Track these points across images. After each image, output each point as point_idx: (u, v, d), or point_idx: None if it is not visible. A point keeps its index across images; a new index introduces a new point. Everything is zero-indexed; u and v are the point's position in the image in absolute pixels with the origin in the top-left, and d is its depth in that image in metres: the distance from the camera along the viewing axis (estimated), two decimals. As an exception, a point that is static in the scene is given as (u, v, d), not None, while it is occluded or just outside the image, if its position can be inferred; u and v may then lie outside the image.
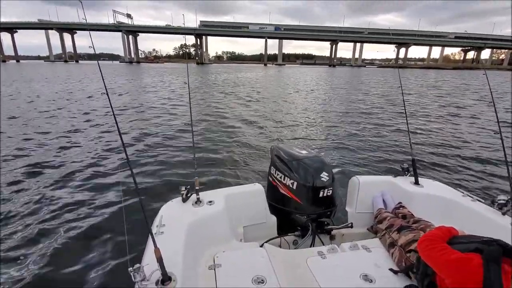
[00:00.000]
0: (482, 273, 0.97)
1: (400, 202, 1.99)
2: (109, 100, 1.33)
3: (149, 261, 1.18)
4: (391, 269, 1.45)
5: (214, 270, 1.38)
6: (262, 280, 1.30)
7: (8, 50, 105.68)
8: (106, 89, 1.33)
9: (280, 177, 2.04)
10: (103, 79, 1.30)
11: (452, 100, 15.10)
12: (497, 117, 1.94)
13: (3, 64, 75.67)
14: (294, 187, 1.96)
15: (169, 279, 1.13)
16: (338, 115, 10.17)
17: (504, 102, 14.33)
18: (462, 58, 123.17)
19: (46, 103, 11.63)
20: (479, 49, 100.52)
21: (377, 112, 10.84)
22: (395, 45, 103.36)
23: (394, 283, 1.36)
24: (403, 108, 2.61)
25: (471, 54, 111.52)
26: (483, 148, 6.22)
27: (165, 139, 6.54)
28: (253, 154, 5.59)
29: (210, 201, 1.80)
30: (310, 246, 1.85)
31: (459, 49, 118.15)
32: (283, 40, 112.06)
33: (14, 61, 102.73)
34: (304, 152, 2.12)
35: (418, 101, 14.16)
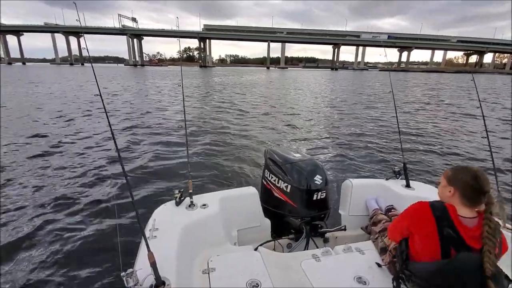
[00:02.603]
0: (431, 212, 1.15)
1: (391, 205, 1.99)
2: (103, 102, 1.35)
3: (142, 265, 1.17)
4: (376, 263, 1.48)
5: (208, 274, 1.39)
6: (256, 283, 1.31)
7: (13, 53, 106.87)
8: (99, 91, 1.34)
9: (274, 180, 2.05)
10: (96, 82, 1.32)
11: (446, 103, 15.13)
12: (484, 121, 1.95)
13: (9, 66, 76.44)
14: (288, 190, 1.98)
15: (163, 283, 1.12)
16: (332, 119, 10.20)
17: (499, 104, 14.33)
18: (464, 62, 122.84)
19: (42, 105, 11.72)
20: (481, 53, 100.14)
21: (370, 116, 10.86)
22: (397, 48, 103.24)
23: (387, 285, 1.36)
24: (395, 112, 2.64)
25: (474, 58, 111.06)
26: (473, 152, 6.29)
27: (159, 141, 6.55)
28: (247, 157, 5.57)
29: (204, 205, 1.80)
30: (304, 249, 1.86)
31: (462, 53, 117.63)
32: (286, 44, 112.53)
33: (20, 63, 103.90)
34: (298, 155, 2.13)
35: (412, 104, 14.21)
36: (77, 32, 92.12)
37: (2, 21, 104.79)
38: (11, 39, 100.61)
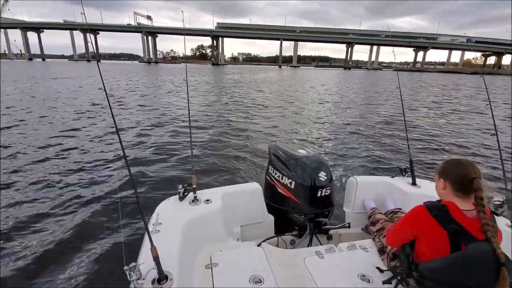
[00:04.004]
0: (429, 213, 1.14)
1: (400, 208, 1.95)
2: (107, 97, 1.35)
3: (145, 259, 1.18)
4: (377, 268, 1.44)
5: (211, 269, 1.39)
6: (259, 279, 1.30)
7: (33, 49, 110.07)
8: (104, 85, 1.36)
9: (278, 176, 2.04)
10: (101, 78, 1.34)
11: (455, 102, 14.80)
12: (493, 120, 1.90)
13: (30, 62, 79.02)
14: (292, 186, 1.96)
15: (166, 278, 1.12)
16: (338, 115, 10.11)
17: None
18: (482, 63, 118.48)
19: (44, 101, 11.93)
20: (499, 54, 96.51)
21: (377, 113, 10.72)
22: (413, 48, 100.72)
23: (391, 284, 1.34)
24: (402, 109, 2.59)
25: (492, 60, 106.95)
26: (480, 150, 6.16)
27: (164, 136, 6.60)
28: (251, 152, 5.55)
29: (207, 200, 1.81)
30: (308, 246, 1.85)
31: (480, 54, 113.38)
32: (299, 42, 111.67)
33: (40, 59, 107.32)
34: (302, 151, 2.11)
35: (420, 102, 13.95)
36: (94, 29, 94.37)
37: (24, 19, 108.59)
38: (32, 36, 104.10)
